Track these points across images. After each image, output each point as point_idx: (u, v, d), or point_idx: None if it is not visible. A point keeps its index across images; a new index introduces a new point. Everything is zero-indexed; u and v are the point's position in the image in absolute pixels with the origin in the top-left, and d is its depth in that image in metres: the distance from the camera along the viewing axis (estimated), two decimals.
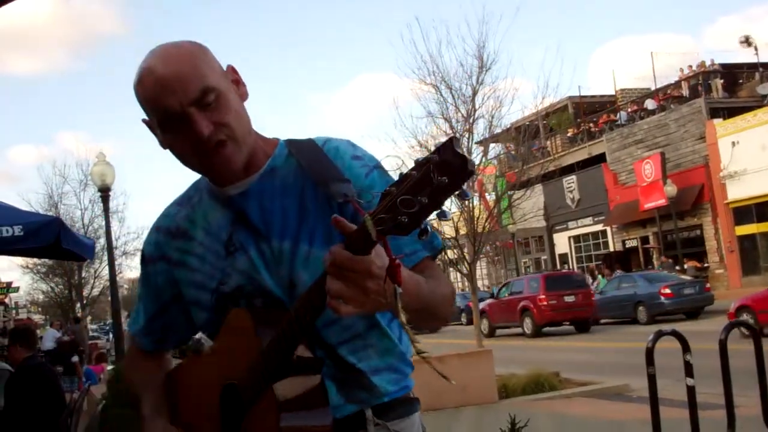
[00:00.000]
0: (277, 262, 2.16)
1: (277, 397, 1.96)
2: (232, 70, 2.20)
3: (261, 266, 2.17)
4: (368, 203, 1.77)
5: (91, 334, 43.34)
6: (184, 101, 2.02)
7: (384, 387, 2.22)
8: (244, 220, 2.20)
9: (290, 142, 2.26)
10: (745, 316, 19.32)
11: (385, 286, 1.74)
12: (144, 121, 2.17)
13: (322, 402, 2.03)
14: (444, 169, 1.54)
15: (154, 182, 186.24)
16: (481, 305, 27.45)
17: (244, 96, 2.19)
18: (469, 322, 34.55)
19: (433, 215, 1.60)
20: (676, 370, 7.94)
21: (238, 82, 2.19)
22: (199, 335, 2.22)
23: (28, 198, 50.29)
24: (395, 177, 1.66)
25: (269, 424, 1.96)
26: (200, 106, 2.04)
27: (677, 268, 35.92)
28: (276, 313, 2.03)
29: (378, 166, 2.19)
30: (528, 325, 29.80)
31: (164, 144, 2.16)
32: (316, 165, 2.15)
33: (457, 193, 1.57)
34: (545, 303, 29.04)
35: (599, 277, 42.34)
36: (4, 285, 47.23)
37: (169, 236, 2.35)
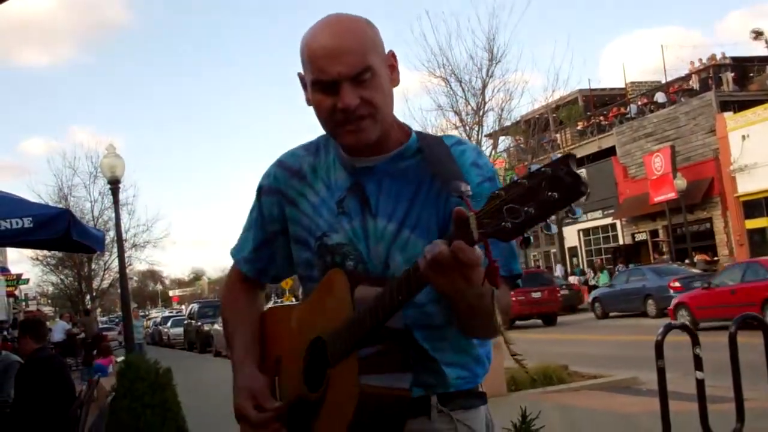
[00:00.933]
0: (377, 239, 2.28)
1: (360, 361, 2.06)
2: (392, 55, 2.32)
3: (362, 237, 2.30)
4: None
5: (101, 326, 43.39)
6: (343, 73, 2.16)
7: (452, 378, 2.28)
8: (360, 191, 2.32)
9: (421, 136, 2.37)
10: (682, 313, 23.08)
11: (482, 286, 1.86)
12: (299, 75, 2.31)
13: (404, 367, 2.12)
14: (555, 185, 1.58)
15: (163, 175, 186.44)
16: None
17: (395, 82, 2.31)
18: None
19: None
20: (686, 363, 7.93)
21: (393, 68, 2.31)
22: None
23: (38, 190, 50.54)
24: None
25: (350, 382, 2.07)
26: (356, 81, 2.17)
27: (686, 261, 35.88)
28: (370, 281, 2.17)
29: (492, 178, 2.28)
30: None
31: (310, 101, 2.29)
32: (440, 160, 2.23)
33: (566, 210, 1.61)
34: (513, 299, 29.10)
35: (599, 272, 42.50)
36: (14, 277, 47.32)
37: (288, 173, 2.47)
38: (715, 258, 39.01)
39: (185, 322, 44.19)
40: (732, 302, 21.24)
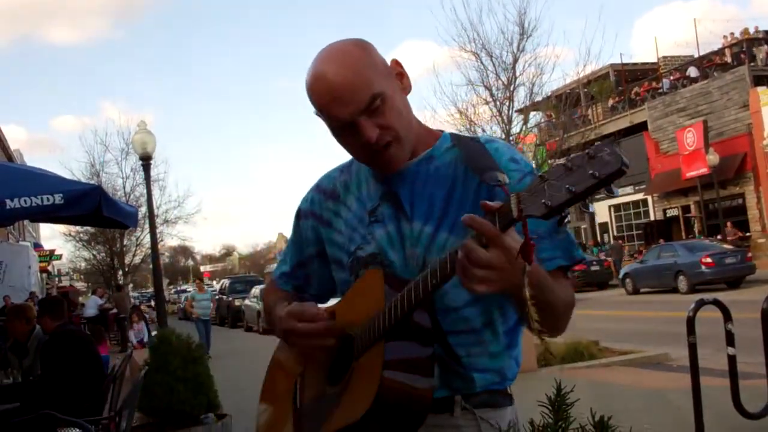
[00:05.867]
0: (414, 243, 2.26)
1: (385, 354, 2.06)
2: (396, 63, 2.30)
3: (397, 243, 2.29)
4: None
5: (132, 302, 43.79)
6: (353, 111, 2.14)
7: (483, 385, 2.27)
8: (393, 197, 2.31)
9: (454, 135, 2.37)
10: None
11: (515, 265, 1.83)
12: (316, 113, 2.26)
13: (427, 372, 2.12)
14: (597, 164, 1.61)
15: (194, 151, 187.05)
16: None
17: (407, 89, 2.30)
18: None
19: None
20: (717, 339, 7.90)
21: (402, 75, 2.29)
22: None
23: (71, 167, 50.75)
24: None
25: (373, 371, 2.07)
26: (368, 113, 2.15)
27: (718, 237, 35.62)
28: (403, 284, 2.11)
29: (532, 173, 2.24)
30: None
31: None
32: (476, 155, 2.22)
33: (605, 189, 1.64)
34: None
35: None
36: (47, 253, 47.78)
37: (324, 196, 2.51)
38: (747, 234, 38.74)
39: (216, 297, 44.58)
40: None
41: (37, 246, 44.98)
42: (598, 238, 50.66)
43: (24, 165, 24.34)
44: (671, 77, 46.59)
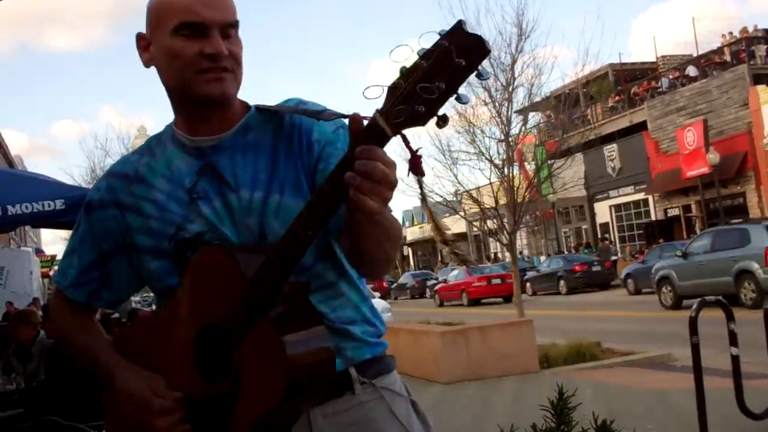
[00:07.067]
0: (246, 213, 2.14)
1: (275, 324, 1.92)
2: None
3: (225, 217, 2.16)
4: (330, 154, 2.07)
5: (133, 305, 43.69)
6: (216, 19, 2.09)
7: (359, 335, 2.23)
8: (212, 171, 2.18)
9: (262, 107, 2.26)
10: (436, 297, 42.09)
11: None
12: (139, 35, 2.21)
13: (318, 322, 2.02)
14: (460, 51, 1.56)
15: None
16: None
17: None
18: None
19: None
20: (720, 339, 7.89)
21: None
22: (132, 306, 2.24)
23: (71, 172, 50.80)
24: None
25: (273, 356, 1.91)
26: (223, 32, 2.10)
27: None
28: (247, 249, 2.05)
29: (344, 126, 2.15)
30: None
31: (152, 61, 2.20)
32: (299, 111, 2.17)
33: (474, 74, 1.59)
34: None
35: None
36: (49, 258, 47.79)
37: (125, 181, 2.29)
38: None
39: None
40: (452, 290, 40.16)
41: (39, 251, 45.07)
42: (599, 238, 50.64)
43: (25, 171, 24.34)
44: (670, 76, 46.57)
